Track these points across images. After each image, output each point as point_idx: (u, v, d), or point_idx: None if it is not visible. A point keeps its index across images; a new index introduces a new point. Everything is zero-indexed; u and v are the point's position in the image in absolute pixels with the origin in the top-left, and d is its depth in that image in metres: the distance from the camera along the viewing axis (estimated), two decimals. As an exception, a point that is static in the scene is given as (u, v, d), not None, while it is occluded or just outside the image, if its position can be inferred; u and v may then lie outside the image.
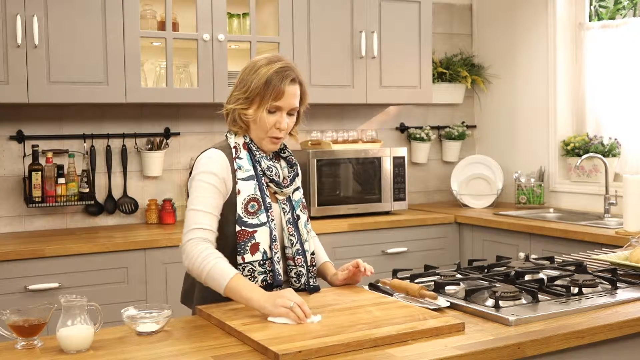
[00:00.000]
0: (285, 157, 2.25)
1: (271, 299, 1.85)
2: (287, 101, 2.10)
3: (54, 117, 3.79)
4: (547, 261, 2.50)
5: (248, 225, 2.07)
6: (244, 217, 2.07)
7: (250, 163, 2.12)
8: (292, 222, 2.17)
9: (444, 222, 4.19)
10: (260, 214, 2.09)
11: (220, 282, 1.93)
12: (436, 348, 1.64)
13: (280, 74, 2.08)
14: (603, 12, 4.42)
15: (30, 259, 3.17)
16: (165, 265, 3.43)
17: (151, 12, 3.76)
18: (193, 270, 2.00)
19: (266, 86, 2.07)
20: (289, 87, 2.09)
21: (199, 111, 4.10)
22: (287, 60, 2.15)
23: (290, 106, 2.12)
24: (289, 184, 2.18)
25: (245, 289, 1.90)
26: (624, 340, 1.90)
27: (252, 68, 2.12)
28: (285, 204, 2.18)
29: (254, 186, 2.10)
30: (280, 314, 1.81)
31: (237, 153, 2.12)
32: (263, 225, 2.08)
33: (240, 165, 2.11)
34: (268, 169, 2.13)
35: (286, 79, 2.08)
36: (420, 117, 4.83)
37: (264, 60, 2.12)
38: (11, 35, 3.32)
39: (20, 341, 1.70)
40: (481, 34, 4.95)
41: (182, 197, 4.07)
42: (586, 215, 4.03)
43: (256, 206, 2.09)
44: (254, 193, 2.09)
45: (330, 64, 4.07)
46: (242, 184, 2.09)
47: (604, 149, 4.13)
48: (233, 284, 1.91)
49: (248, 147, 2.14)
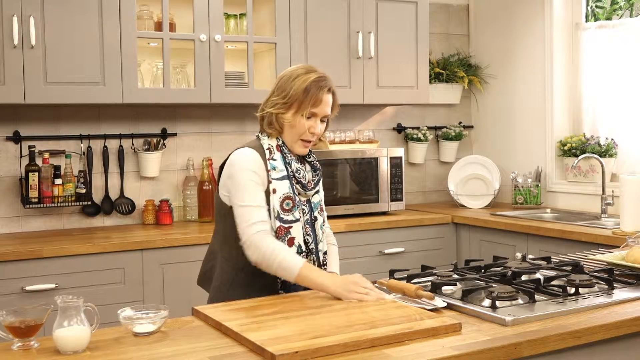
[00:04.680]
0: (310, 162, 2.40)
1: (344, 284, 2.06)
2: (323, 109, 2.27)
3: (50, 117, 3.78)
4: (544, 261, 2.51)
5: (285, 222, 2.24)
6: (281, 214, 2.24)
7: (283, 164, 2.28)
8: (309, 222, 2.32)
9: (441, 223, 4.19)
10: (294, 211, 2.26)
11: (292, 271, 2.12)
12: (433, 348, 1.64)
13: (318, 83, 2.25)
14: (600, 12, 4.43)
15: (27, 260, 3.17)
16: (162, 266, 3.43)
17: (148, 12, 3.75)
18: (263, 263, 2.16)
19: (305, 93, 2.24)
20: (326, 96, 2.27)
21: (196, 112, 4.10)
22: (322, 71, 2.31)
23: (325, 113, 2.29)
24: (312, 187, 2.34)
25: (316, 276, 2.11)
26: (620, 341, 1.90)
27: (290, 76, 2.28)
28: (305, 205, 2.33)
29: (287, 185, 2.27)
30: (355, 298, 2.02)
31: (271, 154, 2.28)
32: (297, 222, 2.26)
33: (274, 166, 2.27)
34: (297, 171, 2.30)
35: (324, 88, 2.26)
36: (417, 118, 4.84)
37: (301, 70, 2.29)
38: (8, 36, 3.31)
39: (16, 342, 1.70)
40: (478, 34, 4.96)
41: (179, 198, 4.07)
42: (583, 216, 4.03)
43: (291, 204, 2.26)
44: (288, 192, 2.26)
45: (327, 65, 4.05)
46: (276, 183, 2.25)
47: (600, 149, 4.14)
48: (304, 272, 2.11)
49: (280, 149, 2.30)
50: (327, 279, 2.10)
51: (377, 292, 2.04)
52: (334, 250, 2.46)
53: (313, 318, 1.86)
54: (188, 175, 4.05)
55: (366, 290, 2.03)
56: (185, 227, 3.82)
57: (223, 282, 2.32)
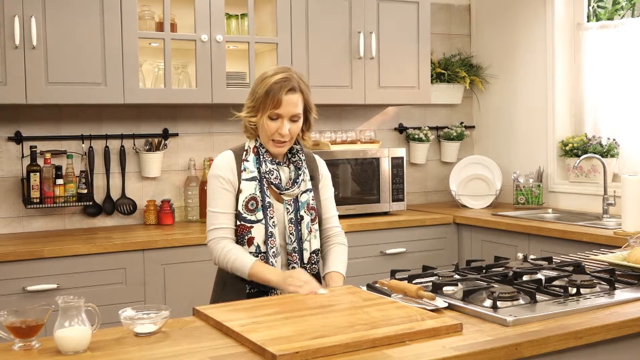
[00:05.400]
0: (294, 161, 2.40)
1: (284, 278, 2.21)
2: (286, 109, 2.29)
3: (52, 118, 3.79)
4: (545, 262, 2.50)
5: (246, 221, 2.31)
6: (243, 214, 2.31)
7: (255, 165, 2.34)
8: (293, 221, 2.35)
9: (443, 223, 4.19)
10: (257, 212, 2.31)
11: (244, 271, 2.27)
12: (434, 349, 1.64)
13: (279, 84, 2.28)
14: (601, 12, 4.42)
15: (29, 260, 3.17)
16: (164, 266, 3.43)
17: (149, 12, 3.76)
18: (220, 264, 2.34)
19: (266, 96, 2.28)
20: (287, 96, 2.28)
21: (198, 112, 4.10)
22: (293, 72, 2.34)
23: (290, 113, 2.30)
24: (290, 186, 2.34)
25: (263, 273, 2.25)
26: (621, 341, 1.90)
27: (260, 79, 2.34)
28: (290, 205, 2.36)
29: (254, 186, 2.32)
30: (290, 290, 2.17)
31: (245, 156, 2.36)
32: (259, 222, 2.31)
33: (245, 167, 2.34)
34: (270, 172, 2.33)
35: (284, 89, 2.27)
36: (418, 118, 4.83)
37: (271, 72, 2.33)
38: (9, 36, 3.32)
39: (17, 342, 1.70)
40: (480, 34, 4.95)
41: (180, 198, 4.07)
42: (584, 216, 4.03)
43: (255, 204, 2.31)
44: (254, 193, 2.31)
45: (328, 65, 4.07)
46: (245, 183, 2.32)
47: (602, 149, 4.13)
48: (253, 271, 2.26)
49: (257, 151, 2.35)
50: (272, 275, 2.24)
51: (311, 286, 2.16)
52: (339, 250, 2.48)
53: (314, 318, 1.86)
54: (189, 176, 4.05)
55: (301, 283, 2.17)
56: (187, 227, 3.82)
57: (218, 282, 2.44)
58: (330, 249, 2.47)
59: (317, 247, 2.39)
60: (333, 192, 2.54)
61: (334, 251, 2.46)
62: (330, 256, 2.45)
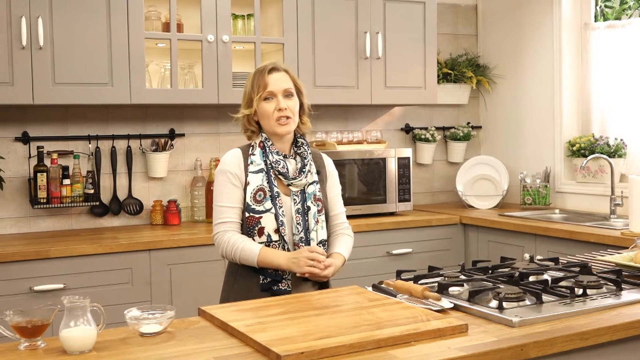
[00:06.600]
0: (300, 153, 2.44)
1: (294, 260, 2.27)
2: (275, 85, 2.37)
3: (59, 118, 3.80)
4: (552, 262, 2.49)
5: (255, 212, 2.35)
6: (252, 205, 2.35)
7: (262, 158, 2.38)
8: (300, 212, 2.38)
9: (449, 223, 4.18)
10: (265, 202, 2.35)
11: (252, 259, 2.31)
12: (439, 349, 1.64)
13: (260, 70, 2.40)
14: (609, 12, 4.41)
15: (35, 260, 3.18)
16: (170, 267, 3.43)
17: (156, 13, 3.76)
18: (227, 256, 2.37)
19: (252, 84, 2.39)
20: (271, 75, 2.38)
21: (204, 112, 4.11)
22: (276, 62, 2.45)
23: (281, 88, 2.37)
24: (297, 176, 2.38)
25: (270, 258, 2.30)
26: (628, 342, 1.89)
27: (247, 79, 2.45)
28: (297, 196, 2.40)
29: (262, 178, 2.36)
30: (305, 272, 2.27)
31: (252, 150, 2.41)
32: (268, 212, 2.35)
33: (252, 161, 2.39)
34: (276, 162, 2.37)
35: (265, 71, 2.38)
36: (425, 118, 4.83)
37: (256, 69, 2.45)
38: (16, 37, 3.33)
39: (23, 342, 1.70)
40: (486, 34, 4.94)
41: (187, 198, 4.08)
42: (592, 216, 4.01)
43: (262, 195, 2.35)
44: (262, 184, 2.36)
45: (334, 65, 4.07)
46: (252, 176, 2.37)
47: (609, 149, 4.12)
48: (261, 258, 2.30)
49: (263, 145, 2.40)
50: (281, 258, 2.29)
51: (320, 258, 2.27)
52: (345, 238, 2.52)
53: (319, 319, 1.86)
54: (196, 176, 4.06)
55: (312, 263, 2.26)
56: (193, 227, 3.83)
57: (228, 276, 2.47)
58: (336, 237, 2.51)
59: (324, 238, 2.43)
60: (340, 189, 2.57)
61: (339, 239, 2.51)
62: (335, 242, 2.50)
